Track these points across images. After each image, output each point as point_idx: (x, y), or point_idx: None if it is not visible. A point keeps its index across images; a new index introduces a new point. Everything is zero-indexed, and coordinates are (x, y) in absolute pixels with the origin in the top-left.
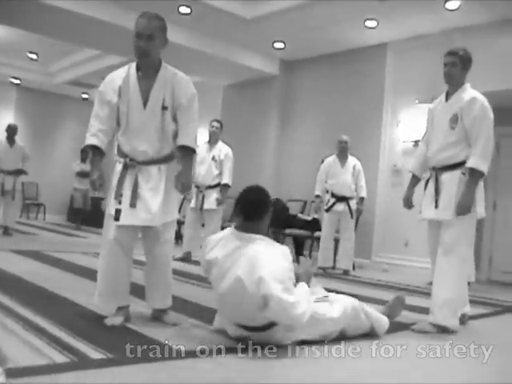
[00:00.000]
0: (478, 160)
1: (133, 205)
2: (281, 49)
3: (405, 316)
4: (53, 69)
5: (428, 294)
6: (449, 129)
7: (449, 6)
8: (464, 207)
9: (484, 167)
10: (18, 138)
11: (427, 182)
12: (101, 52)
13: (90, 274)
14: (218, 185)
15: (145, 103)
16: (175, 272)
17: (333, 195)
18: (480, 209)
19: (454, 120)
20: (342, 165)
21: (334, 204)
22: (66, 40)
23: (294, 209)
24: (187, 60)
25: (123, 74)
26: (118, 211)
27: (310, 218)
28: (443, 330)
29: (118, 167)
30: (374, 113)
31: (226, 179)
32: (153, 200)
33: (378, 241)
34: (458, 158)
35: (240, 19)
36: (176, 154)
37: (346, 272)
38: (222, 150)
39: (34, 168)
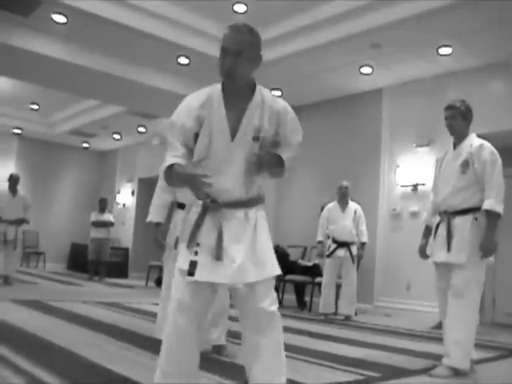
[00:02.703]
0: (493, 202)
1: (219, 257)
2: (278, 96)
3: (411, 362)
4: (54, 119)
5: (432, 339)
6: (460, 173)
7: (442, 51)
8: (487, 249)
9: (499, 208)
10: (19, 188)
11: (437, 226)
12: (100, 102)
13: (89, 324)
14: None
15: (233, 134)
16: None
17: (334, 241)
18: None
19: (465, 165)
20: (342, 210)
21: (335, 249)
22: (66, 91)
23: (294, 255)
24: None
25: (203, 99)
26: (193, 264)
27: (310, 264)
28: (456, 373)
29: (195, 210)
30: (372, 157)
31: None
32: (238, 252)
33: (379, 285)
34: (469, 203)
35: None
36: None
37: (347, 318)
38: None
39: (34, 216)
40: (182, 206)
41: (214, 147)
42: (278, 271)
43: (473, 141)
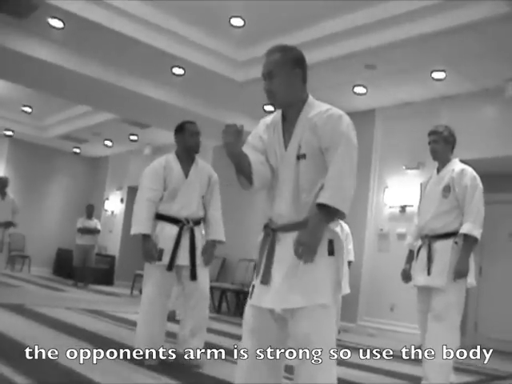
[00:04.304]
0: (471, 226)
1: (264, 281)
2: (271, 112)
3: (390, 383)
4: (46, 123)
5: (413, 360)
6: (441, 198)
7: (435, 75)
8: (460, 272)
9: (477, 233)
10: (8, 190)
11: (419, 249)
12: (93, 108)
13: (72, 331)
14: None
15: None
16: None
17: None
18: (470, 278)
19: (447, 189)
20: None
21: None
22: (59, 95)
23: None
24: (178, 119)
25: (269, 121)
26: (253, 287)
27: None
28: None
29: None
30: (361, 177)
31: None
32: (278, 276)
33: (363, 305)
34: (451, 227)
35: (232, 82)
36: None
37: None
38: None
39: (21, 220)
40: (163, 218)
41: (276, 168)
42: (323, 300)
43: (455, 166)
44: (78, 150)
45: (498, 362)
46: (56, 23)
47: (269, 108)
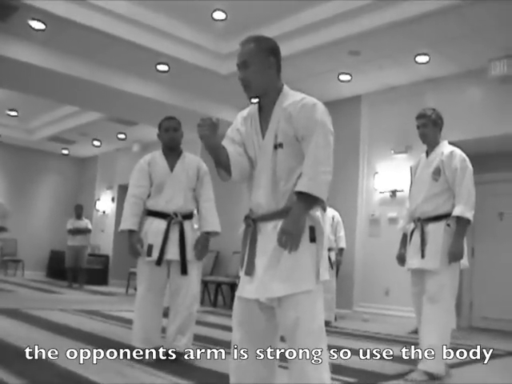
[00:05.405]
0: (463, 208)
1: (247, 271)
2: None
3: (388, 367)
4: (32, 125)
5: (409, 344)
6: (432, 181)
7: (419, 59)
8: (455, 254)
9: (469, 215)
10: None
11: (412, 232)
12: (79, 108)
13: (68, 333)
14: None
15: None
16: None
17: None
18: (463, 260)
19: (437, 172)
20: None
21: None
22: (44, 97)
23: None
24: (165, 115)
25: (246, 113)
26: (239, 279)
27: None
28: (432, 377)
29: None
30: (350, 164)
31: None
32: (260, 265)
33: (358, 291)
34: (442, 210)
35: (216, 75)
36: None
37: (327, 323)
38: None
39: (13, 224)
40: (151, 213)
41: (255, 159)
42: (306, 286)
43: (444, 148)
44: (66, 151)
45: (494, 340)
46: (37, 25)
47: (255, 99)
